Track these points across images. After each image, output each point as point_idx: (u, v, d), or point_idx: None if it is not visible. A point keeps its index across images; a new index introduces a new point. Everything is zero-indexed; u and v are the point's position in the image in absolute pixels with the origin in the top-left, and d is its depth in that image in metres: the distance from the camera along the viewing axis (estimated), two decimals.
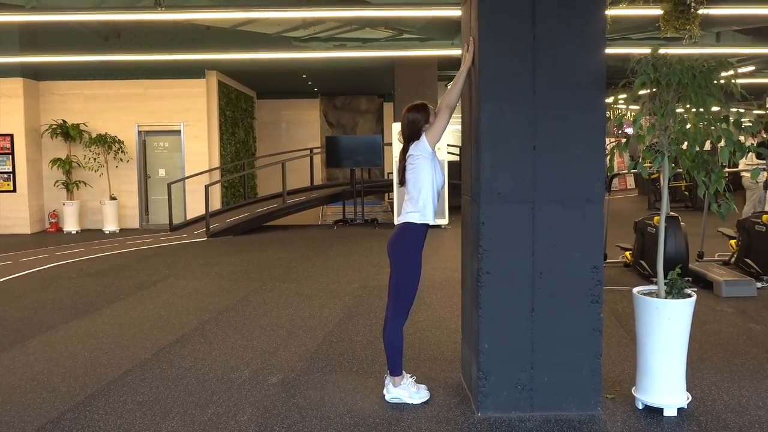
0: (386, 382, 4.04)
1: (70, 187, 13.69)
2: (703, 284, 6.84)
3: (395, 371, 4.00)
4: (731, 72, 3.67)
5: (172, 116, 14.07)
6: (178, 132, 14.20)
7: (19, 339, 5.58)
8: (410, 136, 3.96)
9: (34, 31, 13.05)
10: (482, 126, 3.73)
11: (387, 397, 4.01)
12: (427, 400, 3.99)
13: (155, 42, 12.69)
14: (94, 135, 13.70)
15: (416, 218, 3.91)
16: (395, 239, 3.98)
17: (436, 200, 3.95)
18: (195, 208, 13.76)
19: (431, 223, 3.95)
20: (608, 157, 3.89)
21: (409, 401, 3.96)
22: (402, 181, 4.00)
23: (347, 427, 3.67)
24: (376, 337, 5.35)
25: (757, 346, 5.01)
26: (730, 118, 3.55)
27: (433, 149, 3.92)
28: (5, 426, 3.78)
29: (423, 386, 4.09)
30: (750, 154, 8.78)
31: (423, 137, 3.90)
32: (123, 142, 13.84)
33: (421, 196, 3.89)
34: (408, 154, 3.95)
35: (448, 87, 4.06)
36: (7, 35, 12.74)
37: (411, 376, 4.08)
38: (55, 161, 13.55)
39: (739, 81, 3.68)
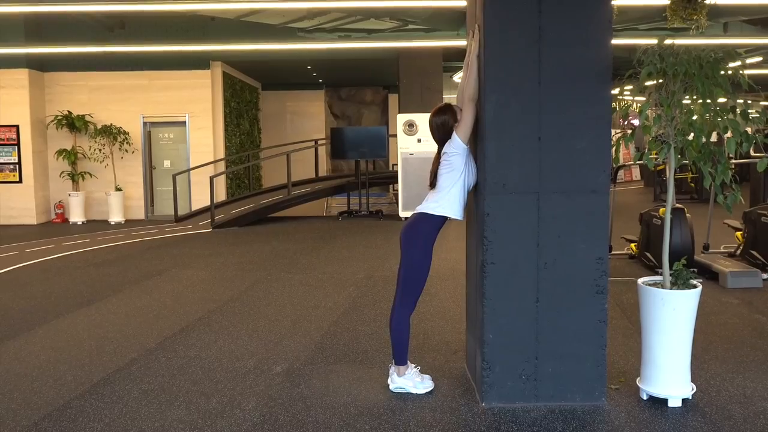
0: (390, 371, 4.06)
1: (75, 178, 13.73)
2: (709, 275, 6.83)
3: (400, 361, 4.01)
4: (738, 62, 3.65)
5: (177, 107, 14.07)
6: (183, 123, 14.21)
7: (25, 328, 5.61)
8: (443, 137, 3.96)
9: (40, 22, 13.06)
10: (487, 117, 3.72)
11: (391, 387, 4.02)
12: (431, 390, 4.00)
13: (160, 33, 12.68)
14: (99, 126, 13.73)
15: (433, 209, 3.90)
16: (407, 229, 3.99)
17: (465, 196, 3.93)
18: (200, 199, 13.79)
19: (455, 217, 3.91)
20: (614, 149, 3.87)
21: (414, 391, 3.97)
22: (433, 184, 3.97)
23: (352, 416, 3.68)
24: (380, 328, 5.37)
25: (762, 338, 5.00)
26: (737, 109, 3.54)
27: (467, 144, 3.89)
28: (12, 413, 3.81)
29: (427, 376, 4.10)
30: None
31: (454, 135, 3.89)
32: (128, 134, 13.86)
33: (451, 190, 3.88)
34: (443, 152, 3.95)
35: (459, 79, 4.03)
36: (12, 26, 12.74)
37: (415, 366, 4.09)
38: (60, 152, 13.58)
39: (747, 71, 3.66)
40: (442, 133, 3.96)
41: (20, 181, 13.52)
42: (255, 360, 4.67)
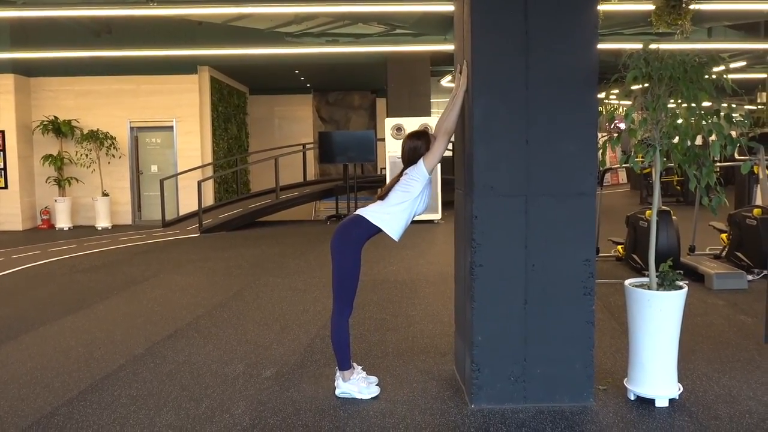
0: (336, 376, 4.06)
1: (62, 183, 13.64)
2: (695, 277, 6.88)
3: (343, 366, 4.00)
4: (722, 67, 3.70)
5: (164, 112, 14.03)
6: (171, 128, 14.16)
7: (12, 335, 5.57)
8: (409, 162, 3.99)
9: (26, 27, 12.95)
10: (476, 121, 3.74)
11: (337, 392, 4.01)
12: (377, 396, 3.98)
13: (147, 38, 12.63)
14: (86, 131, 13.64)
15: (372, 216, 3.90)
16: (340, 233, 3.95)
17: (408, 220, 3.96)
18: (187, 204, 13.73)
19: (391, 234, 3.92)
20: (600, 152, 3.91)
21: (359, 396, 3.96)
22: (384, 197, 3.97)
23: (341, 419, 3.69)
24: (369, 331, 5.38)
25: (747, 338, 5.05)
26: (721, 113, 3.58)
27: (430, 174, 3.93)
28: None
29: (374, 380, 4.08)
30: None
31: (420, 162, 3.91)
32: (115, 138, 13.79)
33: (398, 207, 3.89)
34: (404, 172, 3.97)
35: (448, 83, 4.07)
36: None
37: (362, 368, 4.09)
38: (46, 158, 13.48)
39: (731, 76, 3.70)
40: (410, 158, 3.98)
41: (6, 187, 13.41)
42: (244, 364, 4.66)
